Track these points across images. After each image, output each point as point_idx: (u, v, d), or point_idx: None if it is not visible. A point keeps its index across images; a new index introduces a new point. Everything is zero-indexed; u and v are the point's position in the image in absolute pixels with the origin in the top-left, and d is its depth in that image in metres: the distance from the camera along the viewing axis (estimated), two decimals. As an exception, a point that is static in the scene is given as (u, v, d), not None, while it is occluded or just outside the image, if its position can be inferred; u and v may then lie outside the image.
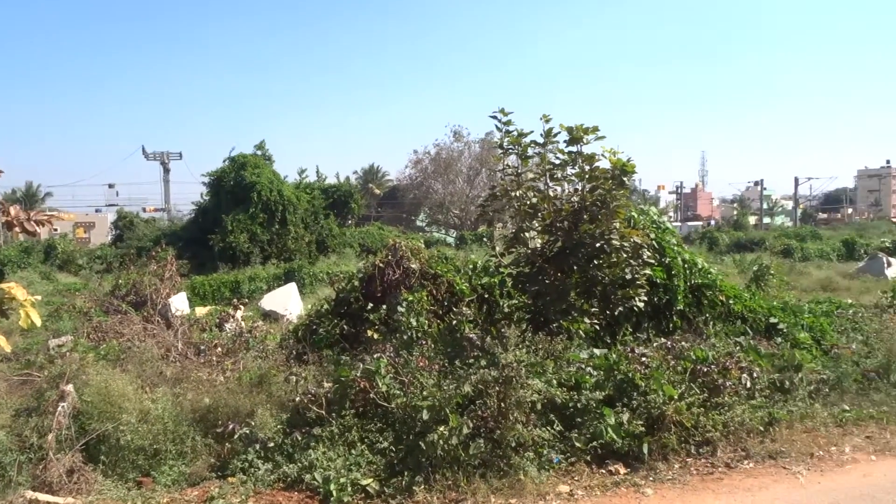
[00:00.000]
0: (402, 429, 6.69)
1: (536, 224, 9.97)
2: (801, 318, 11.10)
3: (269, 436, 6.71)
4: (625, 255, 9.45)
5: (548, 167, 10.08)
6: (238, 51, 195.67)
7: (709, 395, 7.48)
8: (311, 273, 24.94)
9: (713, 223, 76.43)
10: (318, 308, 10.23)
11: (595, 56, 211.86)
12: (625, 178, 9.71)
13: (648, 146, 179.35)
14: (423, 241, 12.57)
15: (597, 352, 8.34)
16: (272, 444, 6.66)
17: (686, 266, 10.58)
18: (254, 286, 23.66)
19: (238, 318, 13.03)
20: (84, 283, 24.07)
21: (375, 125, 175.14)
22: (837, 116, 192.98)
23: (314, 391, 7.12)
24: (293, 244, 33.19)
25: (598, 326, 9.40)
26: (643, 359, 7.98)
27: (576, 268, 9.63)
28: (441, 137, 65.29)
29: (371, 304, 9.06)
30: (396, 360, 7.54)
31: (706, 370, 7.75)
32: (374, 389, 6.97)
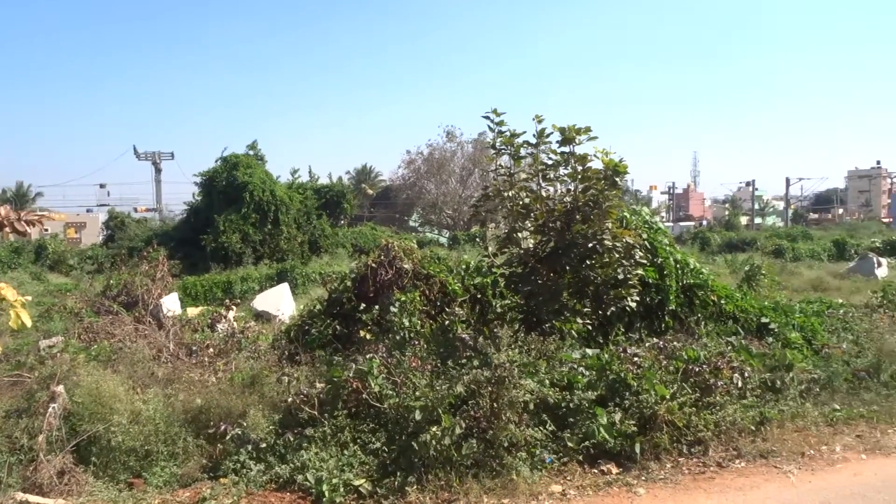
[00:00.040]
0: (395, 429, 6.68)
1: (529, 224, 9.97)
2: (793, 318, 11.14)
3: (262, 436, 6.70)
4: (617, 256, 9.47)
5: (540, 167, 10.09)
6: (230, 51, 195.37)
7: (700, 395, 7.51)
8: (304, 273, 24.87)
9: (705, 223, 76.66)
10: (311, 308, 10.21)
11: (588, 57, 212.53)
12: (617, 179, 9.73)
13: (641, 146, 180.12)
14: (416, 242, 12.59)
15: (589, 352, 8.36)
16: (264, 445, 6.64)
17: (678, 266, 10.61)
18: (246, 286, 23.58)
19: (230, 319, 12.98)
20: (75, 284, 23.93)
21: (368, 125, 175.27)
22: (828, 117, 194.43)
23: (306, 392, 7.10)
24: (285, 244, 33.13)
25: (591, 326, 9.42)
26: (635, 359, 7.99)
27: (568, 268, 9.64)
28: (434, 138, 65.24)
29: (363, 305, 9.05)
30: (389, 361, 7.53)
31: (698, 370, 7.78)
32: (367, 390, 6.96)
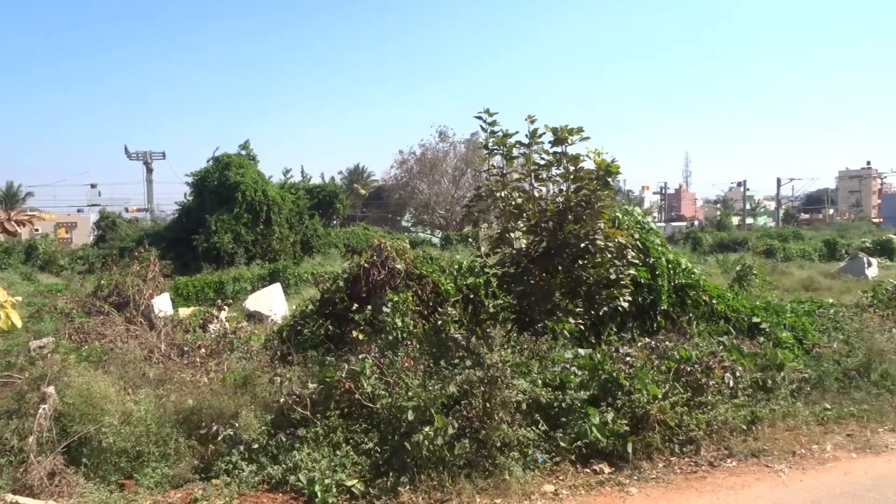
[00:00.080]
0: (388, 429, 6.67)
1: (521, 224, 9.98)
2: (784, 318, 11.18)
3: (254, 437, 6.68)
4: (609, 256, 9.49)
5: (533, 168, 10.10)
6: (223, 51, 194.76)
7: (692, 395, 7.52)
8: (296, 273, 24.84)
9: (697, 223, 76.89)
10: (303, 309, 10.19)
11: (581, 56, 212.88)
12: (609, 179, 9.74)
13: (633, 147, 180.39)
14: (409, 242, 12.56)
15: (581, 352, 8.37)
16: (256, 446, 6.62)
17: (670, 266, 10.64)
18: (238, 287, 23.53)
19: (222, 319, 12.96)
20: (66, 284, 23.80)
21: (361, 125, 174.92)
22: (819, 118, 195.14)
23: (299, 392, 7.08)
24: (278, 244, 33.07)
25: (583, 326, 9.43)
26: (627, 358, 8.00)
27: (560, 268, 9.65)
28: (427, 138, 65.24)
29: (356, 305, 9.05)
30: (381, 361, 7.52)
31: (690, 369, 7.80)
32: (359, 390, 6.95)
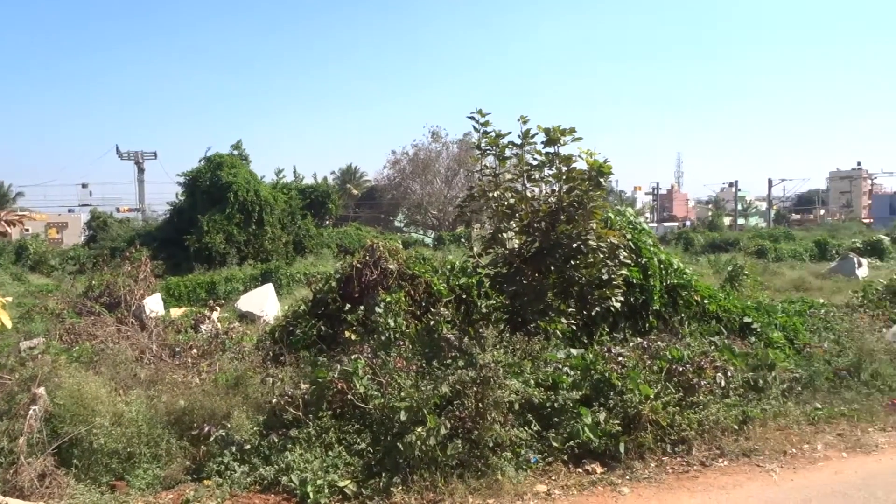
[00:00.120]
0: (380, 430, 6.67)
1: (514, 225, 9.98)
2: (775, 318, 11.23)
3: (246, 438, 6.66)
4: (601, 256, 9.50)
5: (525, 168, 10.11)
6: (215, 51, 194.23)
7: (684, 395, 7.55)
8: (289, 274, 24.78)
9: (689, 224, 77.10)
10: (295, 309, 10.17)
11: (574, 57, 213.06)
12: (601, 179, 9.75)
13: (625, 147, 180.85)
14: (401, 242, 12.55)
15: (574, 352, 8.38)
16: (248, 447, 6.61)
17: (662, 266, 10.67)
18: (230, 287, 23.46)
19: (214, 320, 12.93)
20: (56, 285, 23.68)
21: (353, 126, 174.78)
22: (810, 119, 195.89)
23: (291, 393, 7.08)
24: (270, 245, 32.98)
25: (575, 326, 9.45)
26: (620, 358, 8.03)
27: (553, 268, 9.66)
28: (419, 138, 65.16)
29: (348, 305, 9.03)
30: (374, 361, 7.52)
31: (682, 369, 7.82)
32: (352, 390, 6.95)
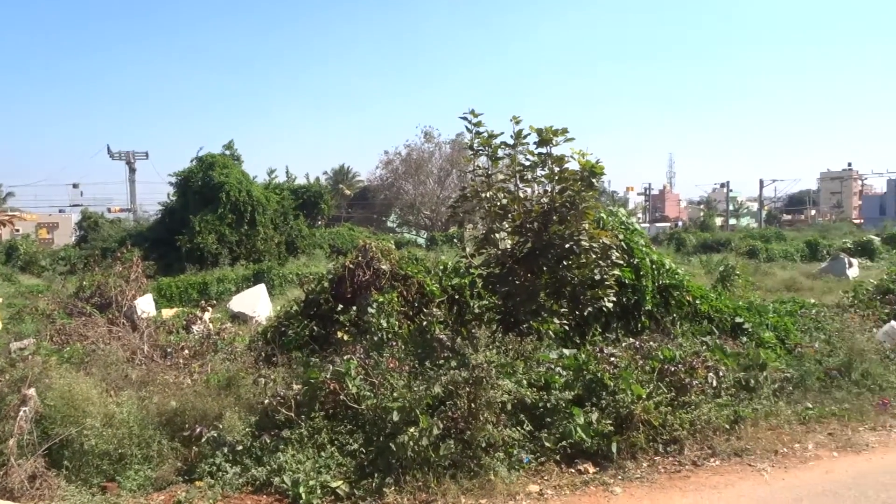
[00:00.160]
0: (373, 430, 6.66)
1: (506, 225, 9.98)
2: (766, 318, 11.26)
3: (238, 439, 6.64)
4: (594, 256, 9.51)
5: (518, 168, 10.10)
6: (207, 51, 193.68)
7: (676, 394, 7.57)
8: (281, 274, 24.75)
9: (680, 224, 77.35)
10: (288, 309, 10.14)
11: (565, 58, 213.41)
12: (594, 180, 9.75)
13: (618, 148, 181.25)
14: (394, 242, 12.55)
15: (566, 352, 8.38)
16: (240, 447, 6.59)
17: (654, 267, 10.69)
18: (222, 288, 23.41)
19: (206, 320, 12.86)
20: (47, 285, 23.56)
21: (346, 126, 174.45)
22: (801, 120, 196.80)
23: (283, 393, 7.06)
24: (262, 245, 32.92)
25: (568, 327, 9.45)
26: (612, 359, 8.03)
27: (545, 268, 9.67)
28: (412, 138, 65.26)
29: (341, 306, 9.01)
30: (366, 362, 7.51)
31: (673, 369, 7.84)
32: (344, 391, 6.93)
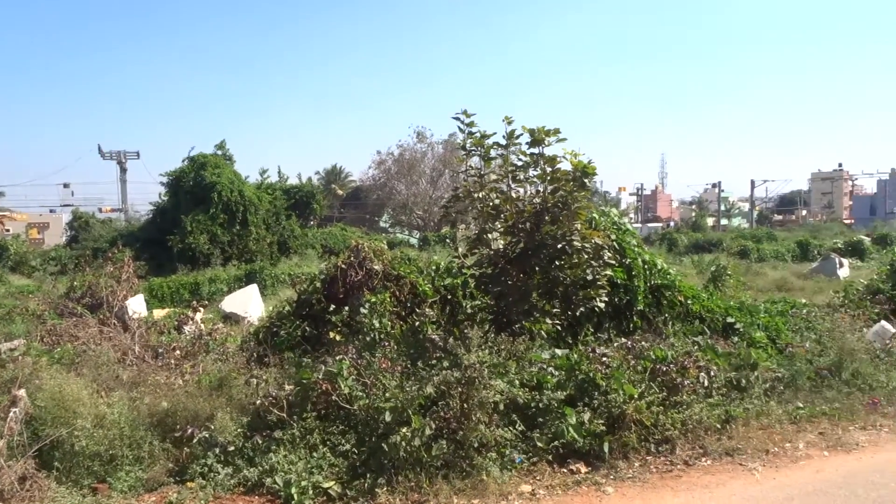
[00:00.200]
0: (365, 431, 6.65)
1: (499, 225, 9.98)
2: (757, 318, 11.30)
3: (229, 439, 6.62)
4: (586, 256, 9.52)
5: (510, 169, 10.10)
6: (199, 50, 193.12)
7: (668, 394, 7.59)
8: (273, 274, 24.69)
9: (672, 225, 77.58)
10: (280, 310, 10.12)
11: (557, 58, 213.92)
12: (586, 180, 9.76)
13: (610, 148, 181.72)
14: (387, 242, 12.51)
15: (558, 352, 8.38)
16: (232, 448, 6.57)
17: (646, 267, 10.71)
18: (214, 288, 23.35)
19: (197, 321, 12.83)
20: (37, 286, 23.44)
21: (338, 126, 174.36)
22: (792, 120, 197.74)
23: (275, 394, 7.04)
24: (254, 245, 32.86)
25: (560, 327, 9.46)
26: (604, 359, 8.04)
27: (538, 269, 9.68)
28: (404, 138, 65.13)
29: (333, 306, 9.00)
30: (359, 362, 7.50)
31: (665, 369, 7.86)
32: (336, 391, 6.92)
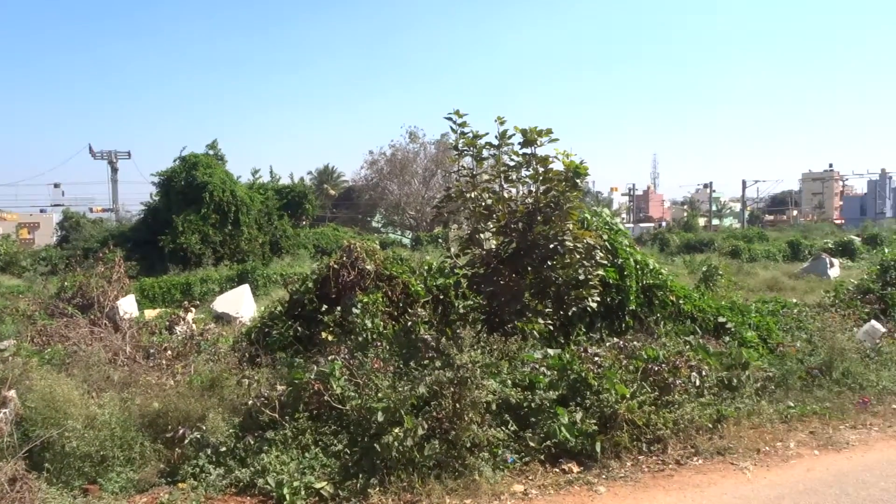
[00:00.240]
0: (357, 431, 6.65)
1: (491, 225, 10.00)
2: (749, 318, 11.35)
3: (221, 440, 6.60)
4: (578, 256, 9.54)
5: (502, 169, 10.12)
6: (190, 50, 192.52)
7: (660, 394, 7.61)
8: (265, 275, 24.60)
9: (664, 225, 77.75)
10: (272, 310, 10.09)
11: (550, 59, 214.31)
12: (578, 180, 9.79)
13: (602, 148, 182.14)
14: (379, 242, 12.51)
15: (551, 352, 8.40)
16: (224, 449, 6.55)
17: (638, 267, 10.73)
18: (206, 288, 23.25)
19: (189, 321, 12.79)
20: (28, 286, 23.25)
21: (331, 126, 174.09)
22: (783, 121, 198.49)
23: (267, 394, 7.03)
24: (246, 245, 32.76)
25: (552, 327, 9.48)
26: (596, 358, 8.06)
27: (530, 269, 9.69)
28: (397, 138, 65.03)
29: (325, 306, 8.99)
30: (351, 362, 7.49)
31: (657, 369, 7.88)
32: (329, 392, 6.91)
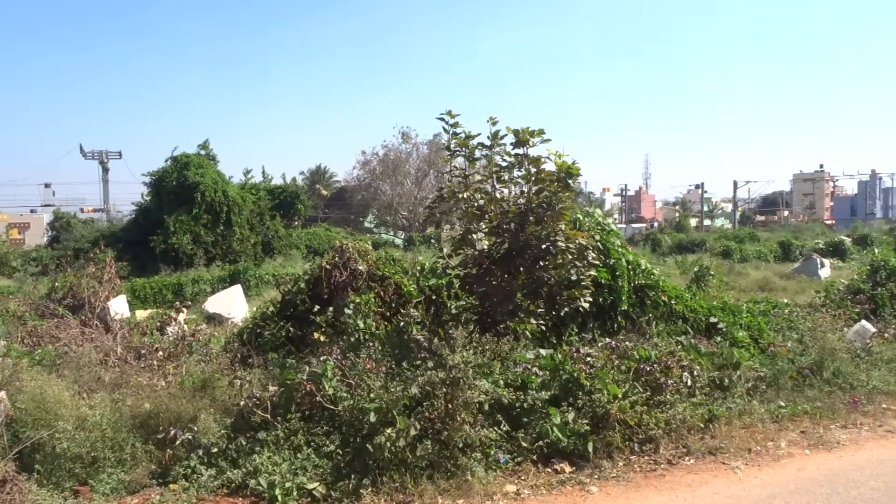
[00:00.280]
0: (349, 432, 6.64)
1: (483, 226, 10.00)
2: (740, 318, 11.39)
3: (213, 441, 6.58)
4: (570, 257, 9.55)
5: (494, 169, 10.12)
6: (183, 50, 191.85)
7: (651, 394, 7.63)
8: (257, 275, 24.57)
9: (656, 225, 77.98)
10: (264, 310, 10.07)
11: (543, 59, 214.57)
12: (570, 181, 9.80)
13: (595, 149, 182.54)
14: (371, 243, 12.49)
15: (543, 352, 8.40)
16: (216, 450, 6.53)
17: (630, 267, 10.76)
18: (197, 288, 23.19)
19: (180, 322, 12.75)
20: (18, 286, 23.15)
21: (323, 126, 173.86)
22: (774, 122, 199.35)
23: (259, 395, 7.01)
24: (238, 245, 32.69)
25: (545, 327, 9.49)
26: (588, 359, 8.07)
27: (522, 269, 9.70)
28: (389, 139, 65.15)
29: (318, 307, 8.97)
30: (343, 363, 7.48)
31: (649, 369, 7.91)
32: (321, 392, 6.90)
